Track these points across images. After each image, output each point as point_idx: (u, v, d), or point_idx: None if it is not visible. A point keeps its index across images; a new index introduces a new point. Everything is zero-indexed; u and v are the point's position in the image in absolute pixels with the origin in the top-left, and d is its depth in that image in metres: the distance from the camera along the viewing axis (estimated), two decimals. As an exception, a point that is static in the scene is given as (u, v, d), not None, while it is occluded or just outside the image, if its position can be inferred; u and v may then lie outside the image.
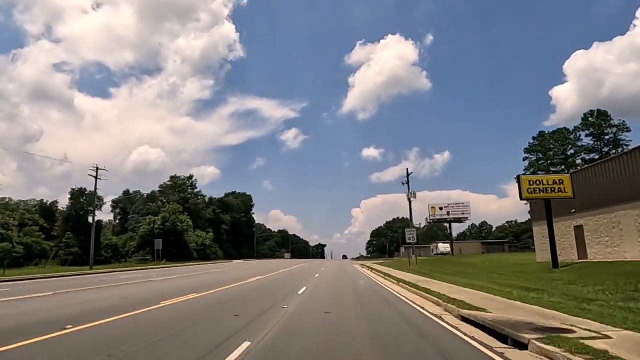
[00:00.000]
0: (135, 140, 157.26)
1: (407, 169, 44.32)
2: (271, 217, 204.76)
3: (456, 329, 7.69)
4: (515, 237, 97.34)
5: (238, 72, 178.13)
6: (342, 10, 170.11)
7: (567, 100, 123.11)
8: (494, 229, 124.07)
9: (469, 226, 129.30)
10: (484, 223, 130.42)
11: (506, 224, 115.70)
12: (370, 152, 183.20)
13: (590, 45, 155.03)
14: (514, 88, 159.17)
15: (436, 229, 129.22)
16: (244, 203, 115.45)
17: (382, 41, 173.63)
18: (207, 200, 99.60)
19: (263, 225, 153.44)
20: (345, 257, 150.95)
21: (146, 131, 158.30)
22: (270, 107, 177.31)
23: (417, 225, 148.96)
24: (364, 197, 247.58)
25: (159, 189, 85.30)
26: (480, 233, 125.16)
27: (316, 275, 26.18)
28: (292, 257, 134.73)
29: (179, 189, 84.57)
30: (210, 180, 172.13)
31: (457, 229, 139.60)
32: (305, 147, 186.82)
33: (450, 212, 74.55)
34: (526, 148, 69.54)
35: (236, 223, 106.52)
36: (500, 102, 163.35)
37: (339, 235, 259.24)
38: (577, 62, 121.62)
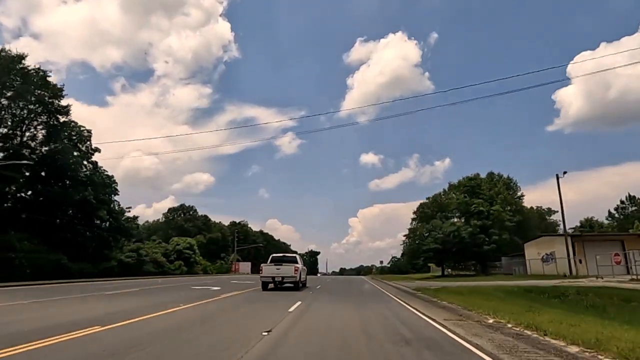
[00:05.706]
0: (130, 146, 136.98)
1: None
2: (268, 226, 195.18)
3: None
4: None
5: (233, 74, 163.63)
6: (341, 6, 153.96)
7: (572, 103, 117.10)
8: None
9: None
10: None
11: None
12: (369, 158, 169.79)
13: (596, 46, 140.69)
14: (517, 91, 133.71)
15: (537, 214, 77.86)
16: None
17: (382, 40, 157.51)
18: None
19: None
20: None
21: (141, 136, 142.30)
22: (267, 115, 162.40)
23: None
24: (361, 206, 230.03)
25: None
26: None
27: None
28: (254, 270, 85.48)
29: None
30: (205, 187, 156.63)
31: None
32: (301, 153, 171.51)
33: None
34: None
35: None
36: (502, 105, 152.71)
37: (336, 244, 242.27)
38: (582, 64, 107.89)
